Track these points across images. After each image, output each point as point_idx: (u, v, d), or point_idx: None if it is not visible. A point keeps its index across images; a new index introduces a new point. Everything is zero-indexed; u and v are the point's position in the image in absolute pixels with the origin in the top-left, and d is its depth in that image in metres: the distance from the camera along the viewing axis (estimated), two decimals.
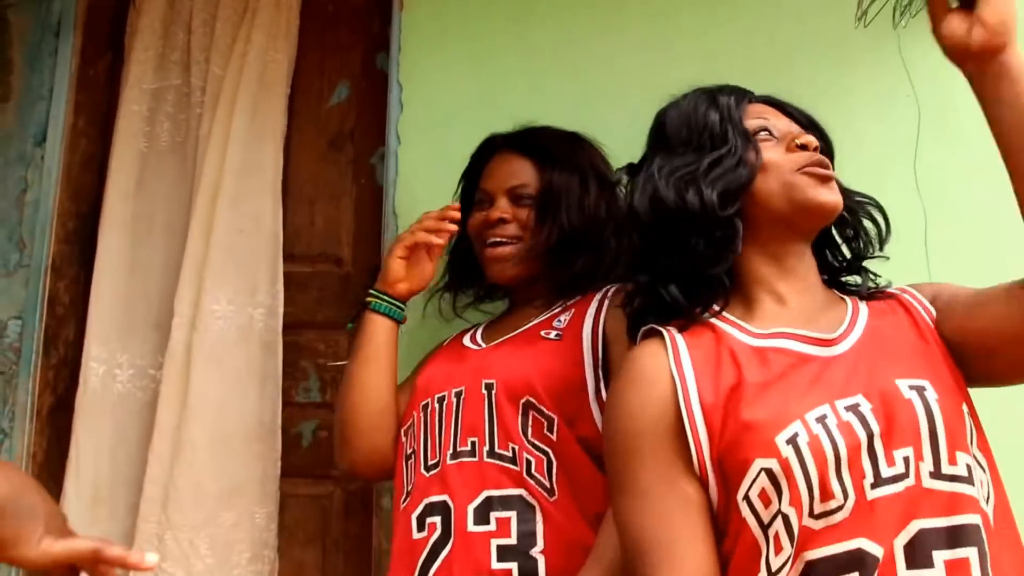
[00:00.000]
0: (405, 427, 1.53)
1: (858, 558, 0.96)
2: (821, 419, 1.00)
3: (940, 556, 0.95)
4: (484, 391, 1.41)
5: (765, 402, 1.03)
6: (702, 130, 1.19)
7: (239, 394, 2.00)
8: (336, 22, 2.33)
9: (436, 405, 1.47)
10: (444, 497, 1.38)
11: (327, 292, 2.18)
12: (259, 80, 2.20)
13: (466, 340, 1.60)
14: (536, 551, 1.30)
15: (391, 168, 2.04)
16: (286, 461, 2.02)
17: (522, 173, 1.57)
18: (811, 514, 0.98)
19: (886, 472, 0.97)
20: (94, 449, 2.03)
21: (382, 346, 1.57)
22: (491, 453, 1.37)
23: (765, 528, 1.01)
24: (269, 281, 2.08)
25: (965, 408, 1.04)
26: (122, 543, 1.93)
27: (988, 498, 1.01)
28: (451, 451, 1.41)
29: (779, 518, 1.00)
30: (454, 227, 1.59)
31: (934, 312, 1.12)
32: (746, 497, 1.01)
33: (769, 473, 1.00)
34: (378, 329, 1.58)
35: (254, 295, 2.06)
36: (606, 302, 1.46)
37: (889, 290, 1.21)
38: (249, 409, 2.00)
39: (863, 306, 1.17)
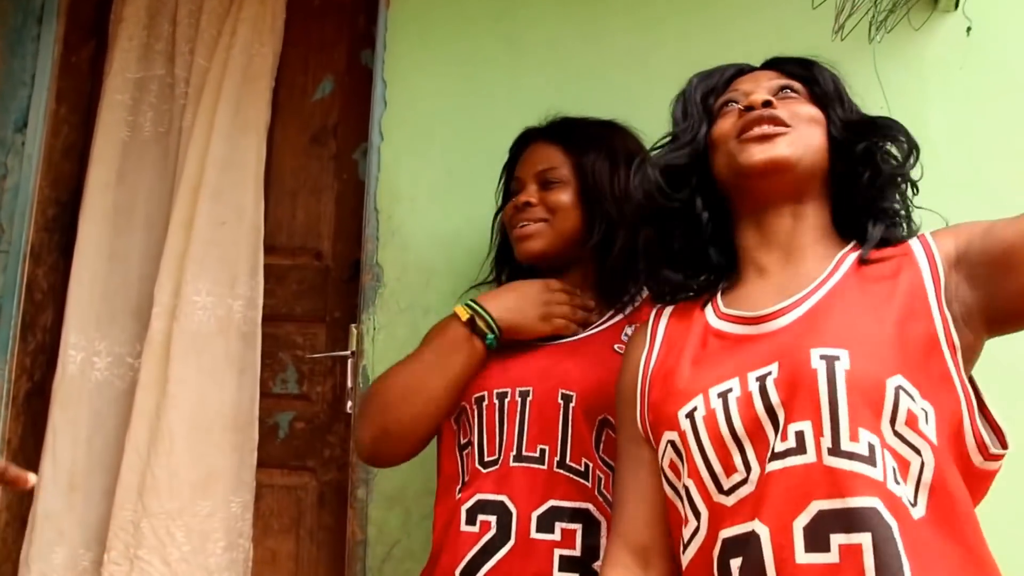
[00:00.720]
0: (453, 415, 1.50)
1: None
2: (724, 393, 1.05)
3: (836, 540, 0.91)
4: (561, 401, 1.39)
5: (683, 378, 1.12)
6: (674, 114, 1.29)
7: (217, 384, 2.03)
8: (322, 17, 2.37)
9: (496, 401, 1.44)
10: (502, 498, 1.37)
11: (306, 285, 2.21)
12: (243, 73, 2.24)
13: None
14: (597, 565, 1.30)
15: (373, 163, 2.08)
16: (262, 451, 2.06)
17: (550, 158, 1.57)
18: (720, 489, 1.02)
19: (779, 447, 0.97)
20: (71, 436, 2.06)
21: (470, 369, 1.48)
22: (561, 464, 1.37)
23: (680, 499, 1.09)
24: (249, 273, 2.11)
25: (899, 385, 0.96)
26: (98, 530, 1.98)
27: (907, 482, 0.94)
28: (515, 453, 1.39)
29: (683, 491, 1.08)
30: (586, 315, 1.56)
31: (942, 273, 1.05)
32: (662, 467, 1.12)
33: (673, 445, 1.09)
34: (477, 358, 1.48)
35: (234, 286, 2.10)
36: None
37: (905, 241, 1.14)
38: (227, 399, 2.04)
39: (846, 266, 1.13)
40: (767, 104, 1.15)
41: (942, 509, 0.94)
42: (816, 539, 0.92)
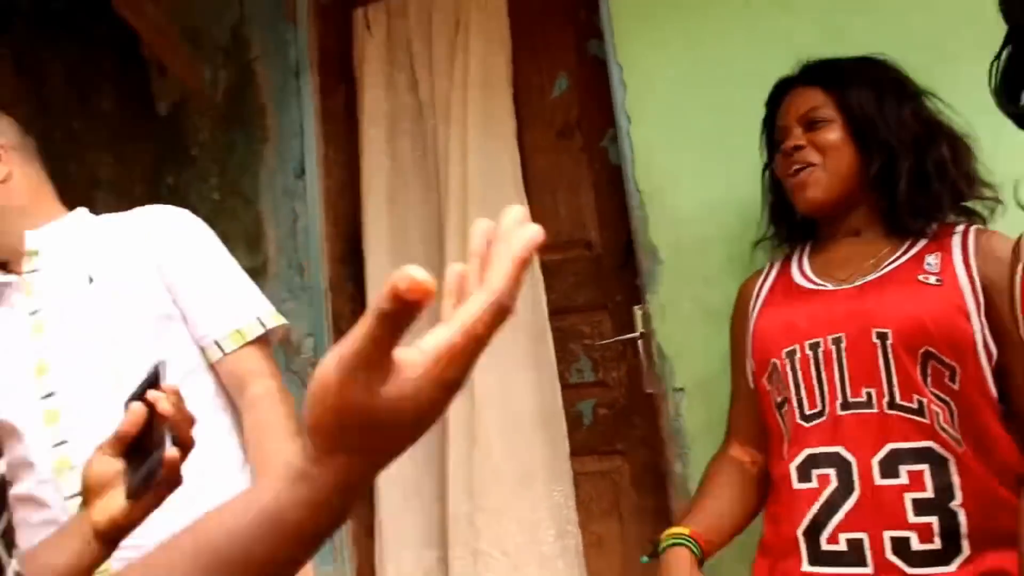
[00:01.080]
0: (765, 374, 1.50)
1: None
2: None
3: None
4: (876, 340, 1.36)
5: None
6: None
7: (519, 383, 2.14)
8: (544, 17, 2.44)
9: (808, 352, 1.42)
10: (837, 449, 1.37)
11: (582, 276, 2.29)
12: (483, 85, 2.34)
13: (797, 278, 1.55)
14: (955, 504, 1.28)
15: (626, 147, 2.11)
16: (571, 441, 2.15)
17: (811, 99, 1.53)
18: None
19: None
20: None
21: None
22: (892, 405, 1.33)
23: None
24: (528, 273, 2.20)
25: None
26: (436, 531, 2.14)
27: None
28: (841, 401, 1.38)
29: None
30: None
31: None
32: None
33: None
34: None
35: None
36: (970, 244, 1.40)
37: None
38: (530, 396, 2.14)
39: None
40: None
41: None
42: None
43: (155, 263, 1.47)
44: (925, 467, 1.30)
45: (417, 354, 0.49)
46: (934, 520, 1.28)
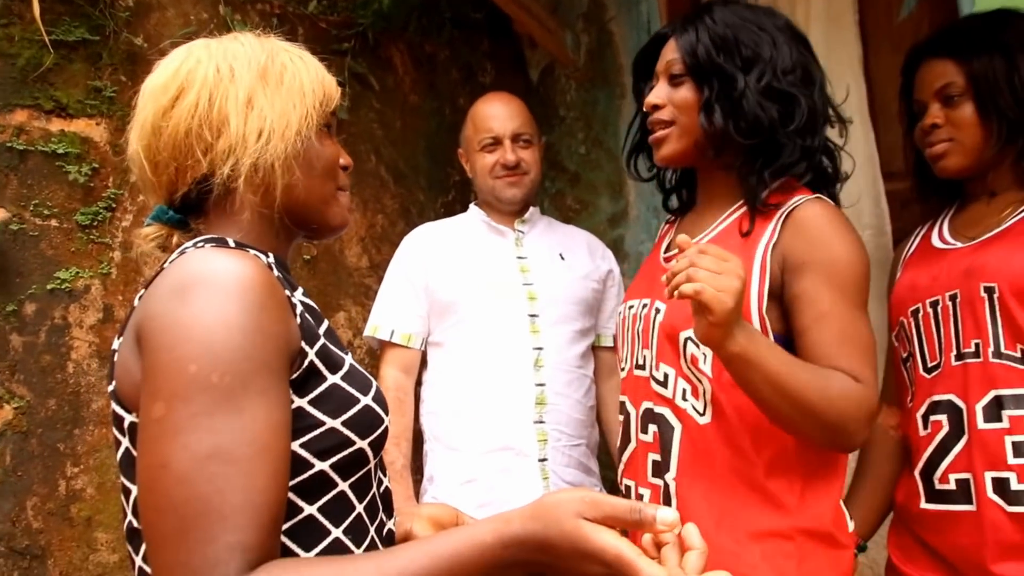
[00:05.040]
0: (894, 332, 1.72)
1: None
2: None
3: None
4: (984, 294, 1.50)
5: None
6: None
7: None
8: None
9: (929, 310, 1.60)
10: (950, 396, 1.53)
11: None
12: (827, 15, 2.48)
13: (934, 239, 1.71)
14: None
15: None
16: None
17: (944, 73, 1.62)
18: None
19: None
20: None
21: None
22: (996, 354, 1.48)
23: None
24: (873, 202, 2.34)
25: None
26: None
27: None
28: (954, 352, 1.54)
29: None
30: None
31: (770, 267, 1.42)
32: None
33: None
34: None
35: (860, 218, 2.34)
36: None
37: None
38: (875, 327, 2.26)
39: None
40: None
41: None
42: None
43: (605, 270, 2.28)
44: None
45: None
46: None
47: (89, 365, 2.04)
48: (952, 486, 1.52)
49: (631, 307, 1.62)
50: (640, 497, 1.50)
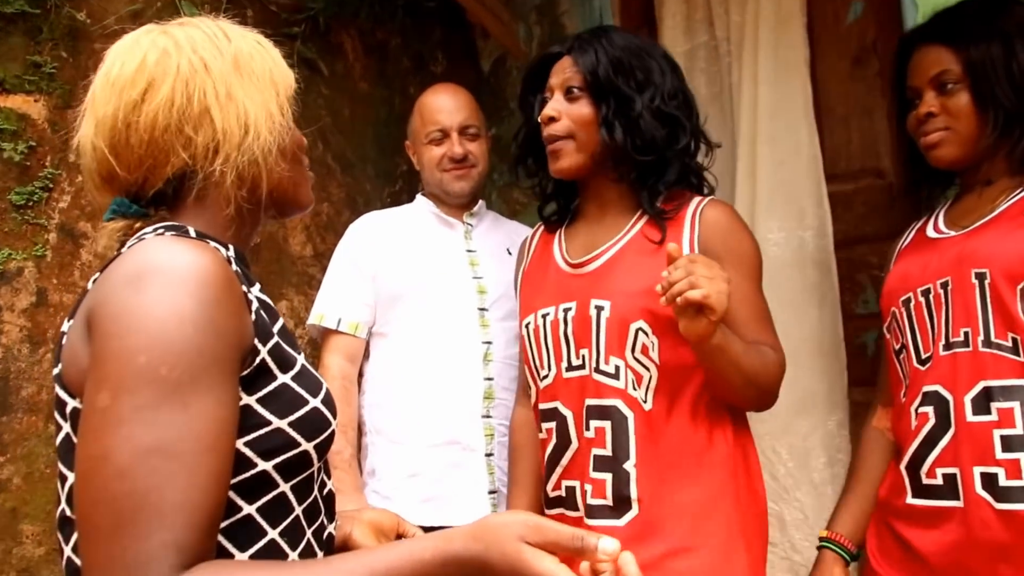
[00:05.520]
0: (886, 324, 1.70)
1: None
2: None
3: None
4: (975, 281, 1.48)
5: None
6: None
7: (800, 313, 2.34)
8: None
9: (921, 299, 1.59)
10: (936, 387, 1.52)
11: (871, 205, 2.41)
12: (775, 17, 2.51)
13: (928, 230, 1.70)
14: None
15: None
16: (853, 371, 2.32)
17: (940, 60, 1.60)
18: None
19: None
20: None
21: None
22: (987, 343, 1.45)
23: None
24: (815, 204, 2.39)
25: None
26: None
27: None
28: (943, 343, 1.52)
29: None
30: None
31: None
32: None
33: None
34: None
35: (802, 219, 2.39)
36: None
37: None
38: (811, 326, 2.34)
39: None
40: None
41: None
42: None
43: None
44: (1015, 404, 1.41)
45: None
46: (1021, 456, 1.39)
47: (20, 351, 2.01)
48: (939, 481, 1.49)
49: (545, 315, 1.70)
50: (584, 493, 1.58)
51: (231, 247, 1.06)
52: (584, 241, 1.74)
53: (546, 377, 1.69)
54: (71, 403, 0.92)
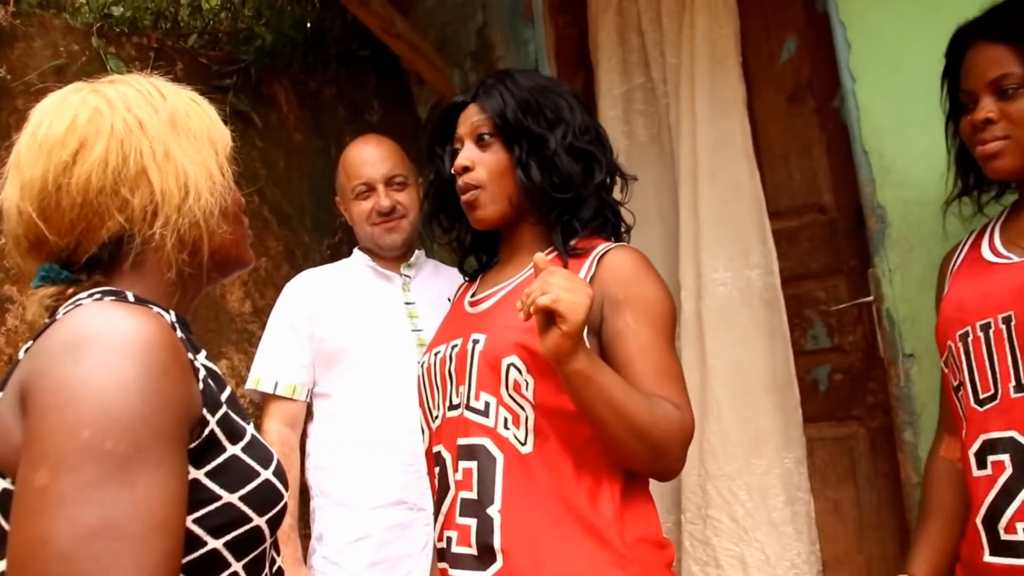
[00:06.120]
0: (943, 357, 1.57)
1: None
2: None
3: None
4: None
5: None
6: None
7: (750, 351, 2.36)
8: None
9: (980, 334, 1.46)
10: (1011, 433, 1.38)
11: (816, 241, 2.45)
12: (711, 58, 2.56)
13: (984, 251, 1.57)
14: None
15: (851, 107, 2.24)
16: (806, 407, 2.34)
17: (1000, 62, 1.47)
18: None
19: None
20: None
21: None
22: None
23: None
24: (759, 242, 2.42)
25: None
26: (672, 496, 2.42)
27: None
28: (1014, 384, 1.39)
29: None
30: None
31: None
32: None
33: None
34: None
35: (748, 257, 2.41)
36: None
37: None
38: (761, 363, 2.36)
39: None
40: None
41: None
42: None
43: None
44: None
45: None
46: None
47: None
48: (1019, 536, 1.36)
49: (437, 353, 1.60)
50: (449, 541, 1.45)
51: (172, 313, 1.01)
52: (491, 281, 1.66)
53: (436, 419, 1.57)
54: (1, 483, 0.86)
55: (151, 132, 1.00)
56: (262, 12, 2.89)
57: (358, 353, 2.05)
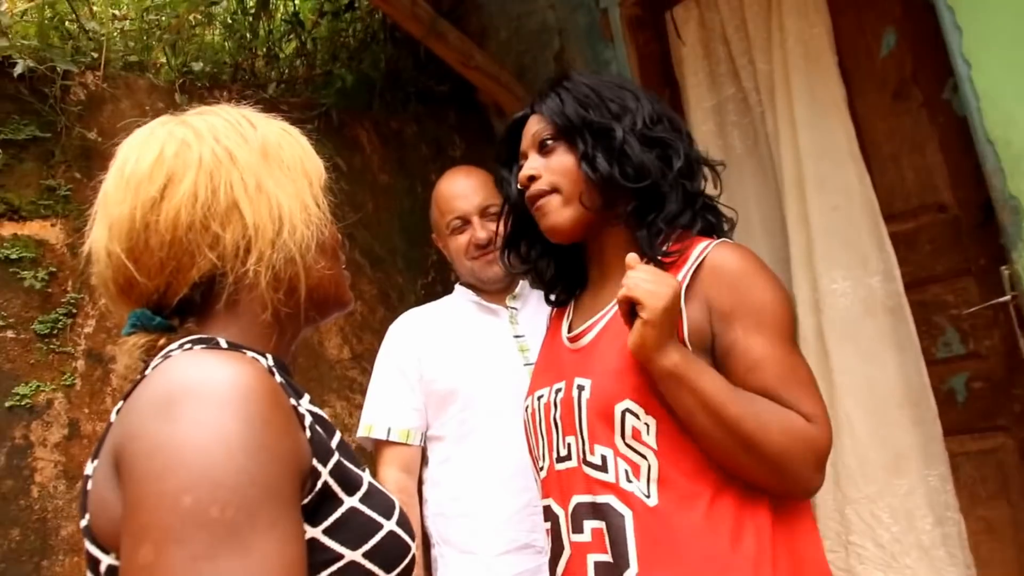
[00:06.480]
0: None
1: None
2: None
3: None
4: None
5: None
6: None
7: (879, 365, 2.23)
8: None
9: None
10: None
11: (939, 242, 2.31)
12: (805, 60, 2.47)
13: None
14: None
15: (969, 96, 2.11)
16: (943, 419, 2.19)
17: None
18: None
19: None
20: None
21: None
22: None
23: None
24: (877, 247, 2.30)
25: None
26: None
27: None
28: None
29: None
30: None
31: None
32: None
33: None
34: None
35: (866, 265, 2.30)
36: None
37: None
38: (893, 377, 2.22)
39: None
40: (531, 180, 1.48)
41: None
42: None
43: None
44: None
45: None
46: None
47: (56, 487, 1.91)
48: None
49: (540, 396, 1.49)
50: None
51: (269, 356, 0.94)
52: (587, 307, 1.53)
53: (543, 469, 1.48)
54: (105, 560, 0.79)
55: (241, 163, 0.94)
56: (338, 55, 2.88)
57: (471, 392, 1.96)
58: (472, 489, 1.92)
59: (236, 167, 0.93)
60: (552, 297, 1.67)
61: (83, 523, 0.83)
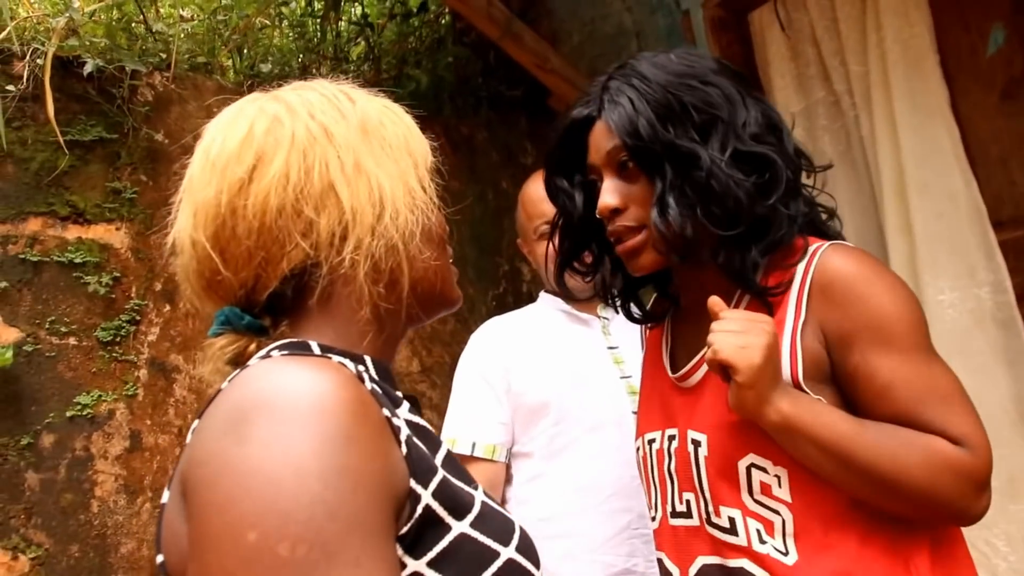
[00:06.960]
0: None
1: None
2: None
3: None
4: None
5: None
6: None
7: (991, 380, 2.09)
8: None
9: None
10: None
11: None
12: (904, 61, 2.34)
13: None
14: None
15: None
16: None
17: None
18: None
19: None
20: None
21: None
22: None
23: None
24: (985, 256, 2.16)
25: None
26: None
27: None
28: None
29: None
30: None
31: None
32: None
33: None
34: None
35: (974, 275, 2.16)
36: None
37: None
38: (1006, 394, 2.08)
39: None
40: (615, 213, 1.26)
41: None
42: None
43: None
44: None
45: None
46: None
47: (116, 502, 1.84)
48: None
49: (652, 441, 1.36)
50: None
51: (369, 360, 0.84)
52: (688, 341, 1.36)
53: (655, 519, 1.35)
54: None
55: (339, 141, 0.85)
56: (406, 59, 2.82)
57: (564, 406, 1.84)
58: (565, 509, 1.79)
59: (333, 145, 0.84)
60: (632, 314, 1.49)
61: (158, 559, 0.73)
